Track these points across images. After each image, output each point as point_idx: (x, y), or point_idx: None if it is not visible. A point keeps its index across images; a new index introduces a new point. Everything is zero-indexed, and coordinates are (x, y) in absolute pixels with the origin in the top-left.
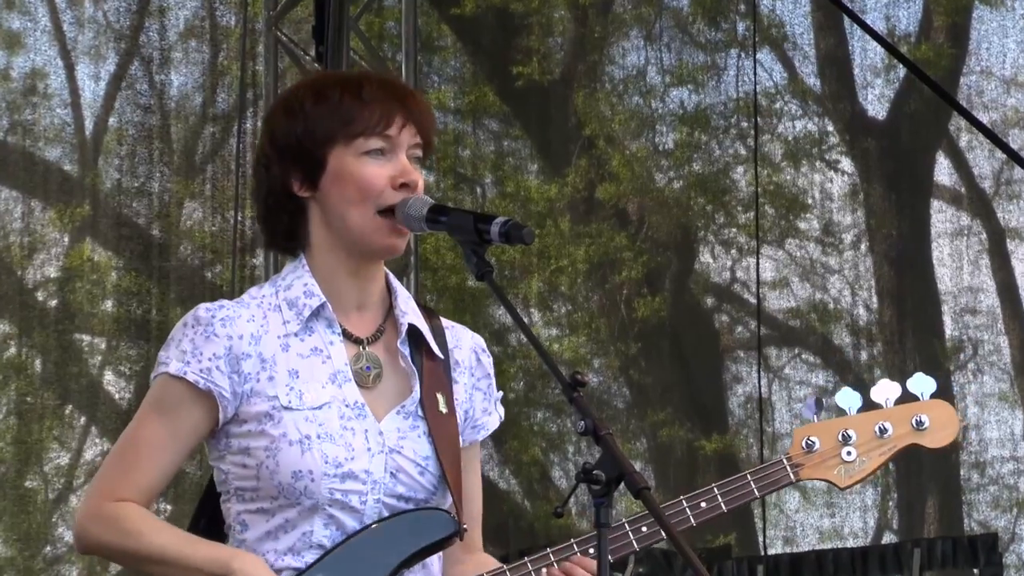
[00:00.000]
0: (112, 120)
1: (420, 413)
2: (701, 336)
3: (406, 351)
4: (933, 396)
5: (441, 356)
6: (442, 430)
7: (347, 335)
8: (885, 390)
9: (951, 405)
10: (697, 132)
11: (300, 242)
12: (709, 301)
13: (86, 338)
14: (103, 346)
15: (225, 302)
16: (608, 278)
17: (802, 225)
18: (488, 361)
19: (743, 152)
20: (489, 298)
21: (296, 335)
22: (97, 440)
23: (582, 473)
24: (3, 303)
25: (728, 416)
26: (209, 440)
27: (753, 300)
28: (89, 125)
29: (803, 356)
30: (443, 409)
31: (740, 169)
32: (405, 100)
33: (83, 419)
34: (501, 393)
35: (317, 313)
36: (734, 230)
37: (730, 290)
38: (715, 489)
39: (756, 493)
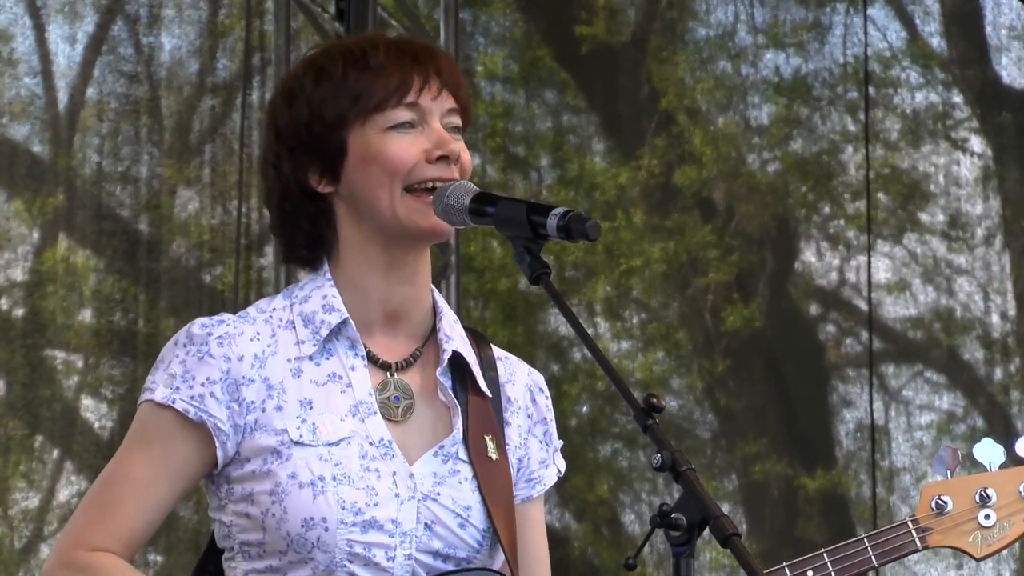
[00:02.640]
0: (91, 91)
1: (463, 456)
2: (802, 351)
3: (447, 382)
4: None
5: (489, 394)
6: (491, 477)
7: (373, 359)
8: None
9: None
10: (796, 104)
11: (325, 249)
12: (812, 308)
13: (59, 355)
14: (80, 364)
15: (227, 316)
16: (690, 281)
17: (924, 216)
18: (546, 403)
19: (852, 129)
20: (546, 305)
21: (311, 358)
22: (72, 478)
23: (658, 516)
24: None
25: (835, 448)
26: (208, 486)
27: (865, 307)
28: (63, 98)
29: (926, 374)
30: (492, 455)
31: (848, 149)
32: (424, 59)
33: (56, 452)
34: (562, 442)
35: (337, 332)
36: (841, 222)
37: (837, 295)
38: (824, 556)
39: (875, 562)
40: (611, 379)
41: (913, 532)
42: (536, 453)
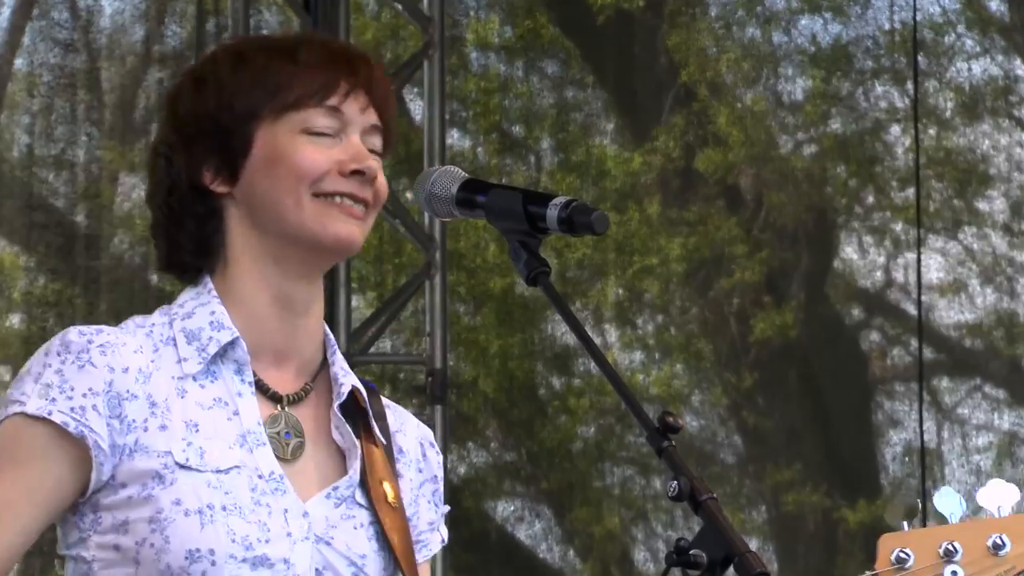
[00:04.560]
0: (19, 62)
1: (360, 501)
2: (842, 362)
3: (343, 422)
4: None
5: (382, 439)
6: (392, 525)
7: (262, 388)
8: (997, 494)
9: None
10: (836, 78)
11: (210, 259)
12: (854, 313)
13: None
14: (8, 377)
15: (105, 327)
16: (713, 282)
17: (982, 206)
18: (437, 460)
19: (900, 105)
20: (547, 310)
21: (195, 379)
22: None
23: (675, 553)
24: None
25: (880, 474)
26: (66, 518)
27: (914, 311)
28: None
29: (984, 389)
30: (391, 501)
31: (895, 129)
32: (357, 67)
33: None
34: (448, 508)
35: (224, 353)
36: (887, 214)
37: (883, 298)
38: None
39: None
40: (621, 395)
41: None
42: (425, 513)
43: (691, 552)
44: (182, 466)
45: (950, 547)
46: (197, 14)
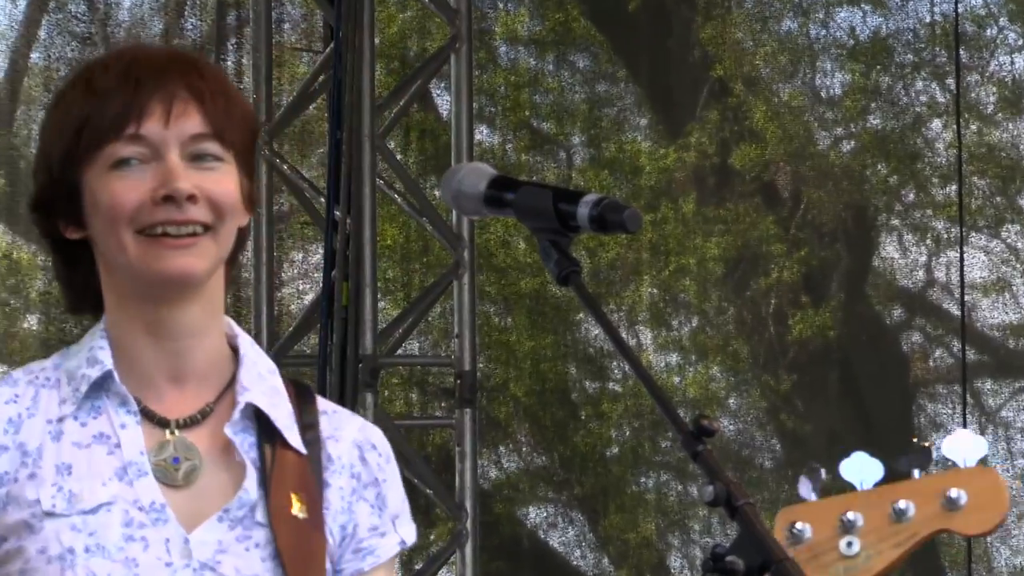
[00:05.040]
0: (35, 56)
1: (260, 519)
2: (883, 364)
3: (243, 437)
4: (982, 462)
5: (304, 451)
6: (293, 539)
7: (149, 416)
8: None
9: (997, 473)
10: (875, 71)
11: (99, 299)
12: (894, 313)
13: (0, 369)
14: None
15: None
16: (750, 282)
17: None
18: (379, 461)
19: (941, 100)
20: (579, 310)
21: (75, 418)
22: None
23: (711, 560)
24: None
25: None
26: None
27: (957, 311)
28: (2, 64)
29: None
30: (299, 514)
31: (936, 124)
32: (156, 78)
33: None
34: (405, 508)
35: (104, 387)
36: (929, 211)
37: (924, 298)
38: None
39: None
40: (654, 398)
41: None
42: (365, 519)
43: (727, 559)
44: (48, 513)
45: (848, 518)
46: (217, 7)
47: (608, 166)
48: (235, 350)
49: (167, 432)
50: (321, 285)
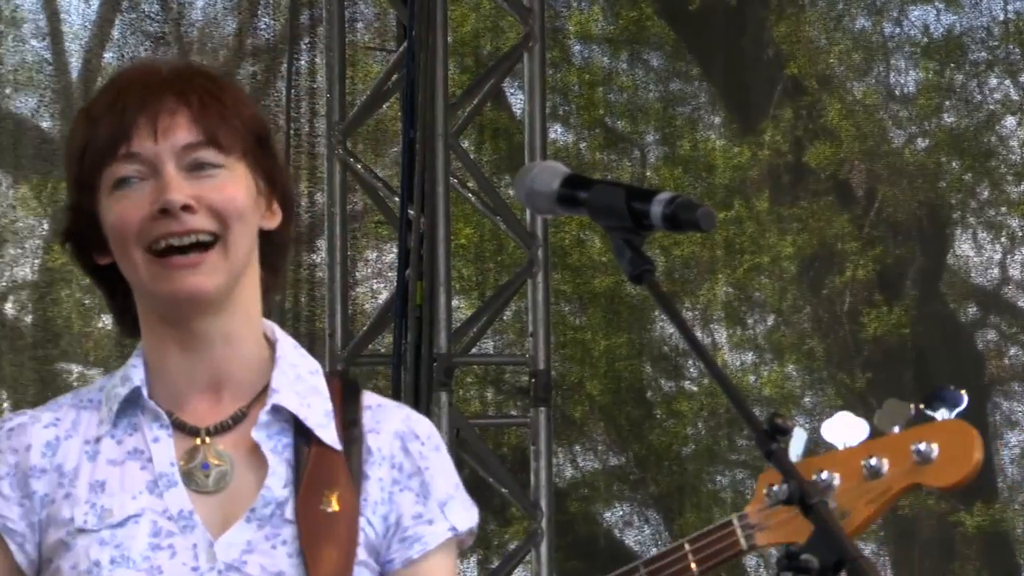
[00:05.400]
0: (109, 56)
1: (287, 516)
2: (958, 362)
3: (273, 440)
4: (961, 416)
5: (339, 446)
6: (321, 533)
7: (181, 427)
8: (893, 412)
9: (968, 426)
10: (949, 69)
11: (137, 321)
12: (969, 311)
13: (74, 368)
14: (98, 380)
15: (29, 410)
16: (824, 280)
17: None
18: (422, 450)
19: (1015, 97)
20: (654, 309)
21: (112, 436)
22: None
23: (786, 559)
24: None
25: (997, 477)
26: None
27: None
28: (76, 64)
29: None
30: (331, 507)
31: (1010, 121)
32: (144, 95)
33: None
34: (459, 492)
35: (136, 404)
36: (1003, 209)
37: (999, 295)
38: (641, 568)
39: (695, 570)
40: (729, 396)
41: (739, 529)
42: (409, 507)
43: (802, 557)
44: (80, 530)
45: (825, 477)
46: (291, 6)
47: (682, 164)
48: (273, 351)
49: (197, 439)
50: (395, 284)
